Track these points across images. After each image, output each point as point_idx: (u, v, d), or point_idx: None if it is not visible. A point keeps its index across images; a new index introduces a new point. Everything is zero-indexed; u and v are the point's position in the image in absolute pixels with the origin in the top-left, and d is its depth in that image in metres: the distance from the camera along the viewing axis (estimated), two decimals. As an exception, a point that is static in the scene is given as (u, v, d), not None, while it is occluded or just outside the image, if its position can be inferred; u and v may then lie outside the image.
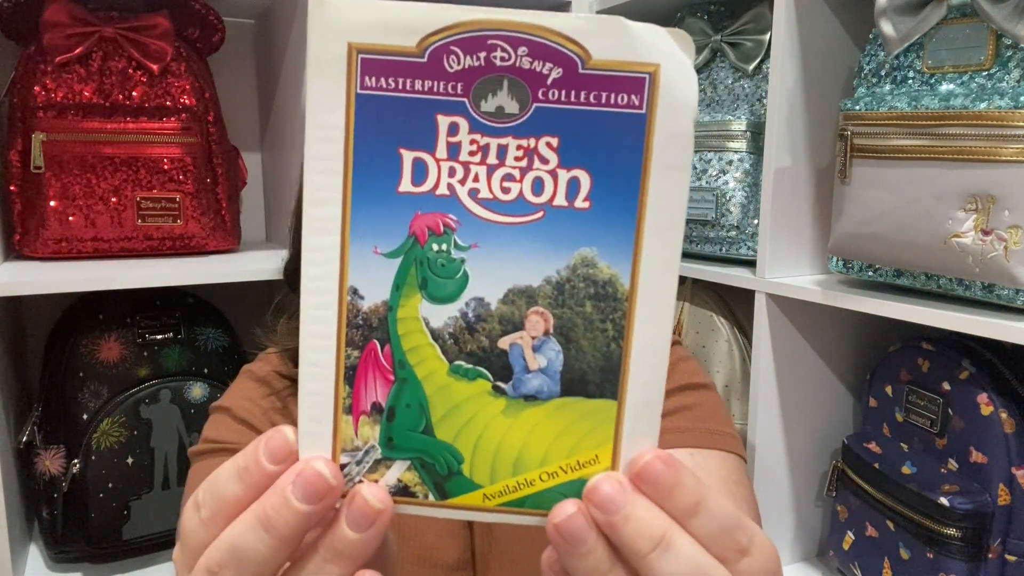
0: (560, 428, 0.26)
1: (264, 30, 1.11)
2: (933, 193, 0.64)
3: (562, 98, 0.25)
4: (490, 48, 0.24)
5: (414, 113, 0.24)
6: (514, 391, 0.26)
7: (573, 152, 0.25)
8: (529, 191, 0.25)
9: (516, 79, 0.24)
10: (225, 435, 0.59)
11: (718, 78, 0.97)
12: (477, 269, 0.25)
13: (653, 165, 0.25)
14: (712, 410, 0.61)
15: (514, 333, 0.26)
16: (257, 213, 1.20)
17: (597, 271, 0.26)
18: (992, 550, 0.70)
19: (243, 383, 0.64)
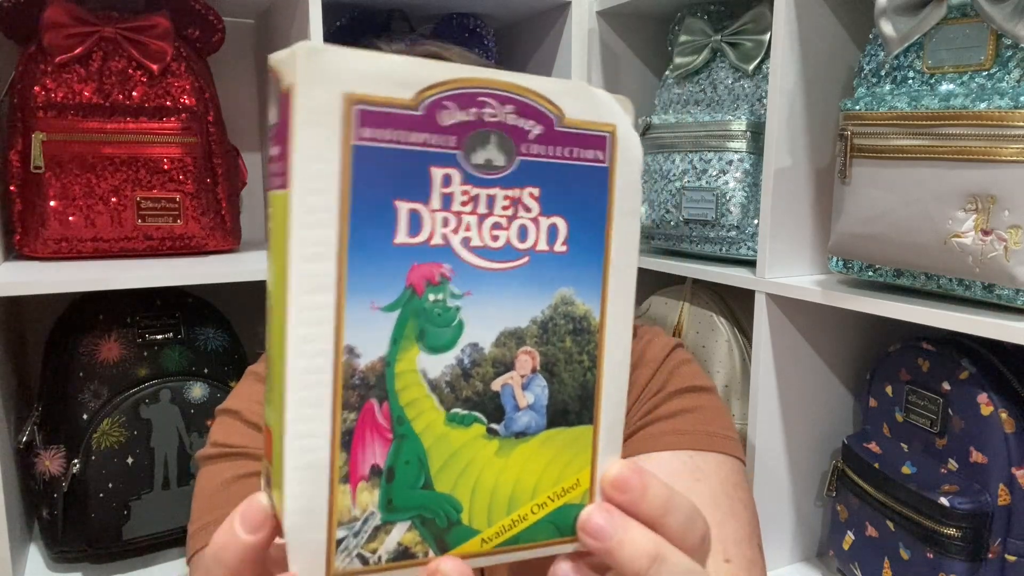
0: (547, 459, 0.28)
1: (264, 30, 1.11)
2: (933, 193, 0.64)
3: (542, 152, 0.27)
4: (480, 104, 0.25)
5: (409, 165, 0.25)
6: (506, 430, 0.27)
7: (552, 201, 0.27)
8: (515, 238, 0.27)
9: (503, 134, 0.26)
10: (234, 439, 0.59)
11: (718, 78, 0.97)
12: (471, 315, 0.26)
13: (615, 211, 0.28)
14: (713, 413, 0.61)
15: (506, 374, 0.27)
16: (257, 213, 1.20)
17: (575, 308, 0.28)
18: (992, 550, 0.70)
19: (249, 385, 0.64)
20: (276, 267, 0.24)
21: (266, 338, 0.26)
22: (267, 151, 1.18)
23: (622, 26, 1.14)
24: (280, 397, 0.24)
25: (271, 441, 0.25)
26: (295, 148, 0.23)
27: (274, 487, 0.25)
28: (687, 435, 0.59)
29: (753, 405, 0.87)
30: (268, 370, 0.25)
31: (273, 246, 0.25)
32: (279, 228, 0.24)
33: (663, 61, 1.10)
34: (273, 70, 0.24)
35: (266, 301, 0.26)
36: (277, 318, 0.24)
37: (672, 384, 0.62)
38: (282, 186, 0.24)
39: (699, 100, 0.99)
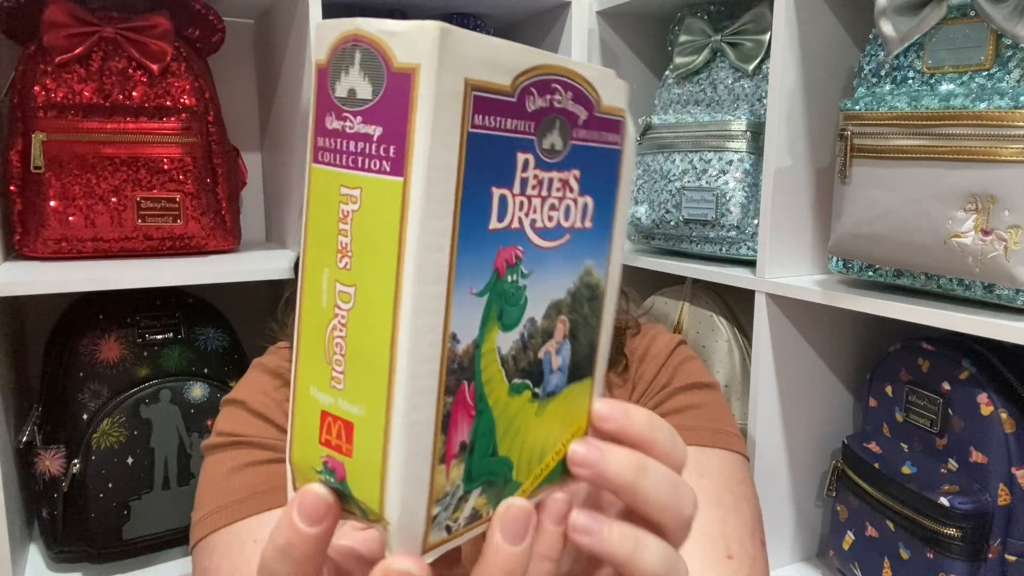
0: (564, 412, 0.31)
1: (264, 30, 1.11)
2: (933, 193, 0.64)
3: (585, 137, 0.28)
4: (552, 90, 0.26)
5: (503, 151, 0.25)
6: (543, 392, 0.29)
7: (586, 181, 0.29)
8: (563, 217, 0.28)
9: (563, 119, 0.27)
10: (241, 428, 0.59)
11: (718, 78, 0.97)
12: (532, 292, 0.28)
13: (621, 188, 0.31)
14: (717, 409, 0.62)
15: (548, 342, 0.29)
16: (257, 213, 1.20)
17: (592, 278, 0.31)
18: (992, 550, 0.70)
19: (255, 376, 0.64)
20: (369, 256, 0.23)
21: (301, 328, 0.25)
22: (267, 151, 1.18)
23: (622, 26, 1.14)
24: (379, 387, 0.24)
25: (350, 430, 0.24)
26: (422, 134, 0.22)
27: (356, 476, 0.24)
28: (692, 431, 0.59)
29: (753, 405, 0.87)
30: (345, 358, 0.24)
31: (360, 233, 0.24)
32: (377, 216, 0.23)
33: (663, 61, 1.10)
34: (372, 41, 0.23)
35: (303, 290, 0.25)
36: (372, 308, 0.23)
37: (677, 380, 0.63)
38: (385, 171, 0.23)
39: (699, 100, 0.99)
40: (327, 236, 0.24)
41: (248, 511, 0.54)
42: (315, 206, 0.25)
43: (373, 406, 0.24)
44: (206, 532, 0.54)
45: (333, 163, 0.24)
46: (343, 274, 0.24)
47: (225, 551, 0.52)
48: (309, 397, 0.25)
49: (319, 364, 0.25)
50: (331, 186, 0.24)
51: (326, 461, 0.25)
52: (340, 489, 0.25)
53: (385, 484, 0.24)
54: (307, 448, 0.26)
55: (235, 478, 0.56)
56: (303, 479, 0.26)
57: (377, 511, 0.24)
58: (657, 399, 0.62)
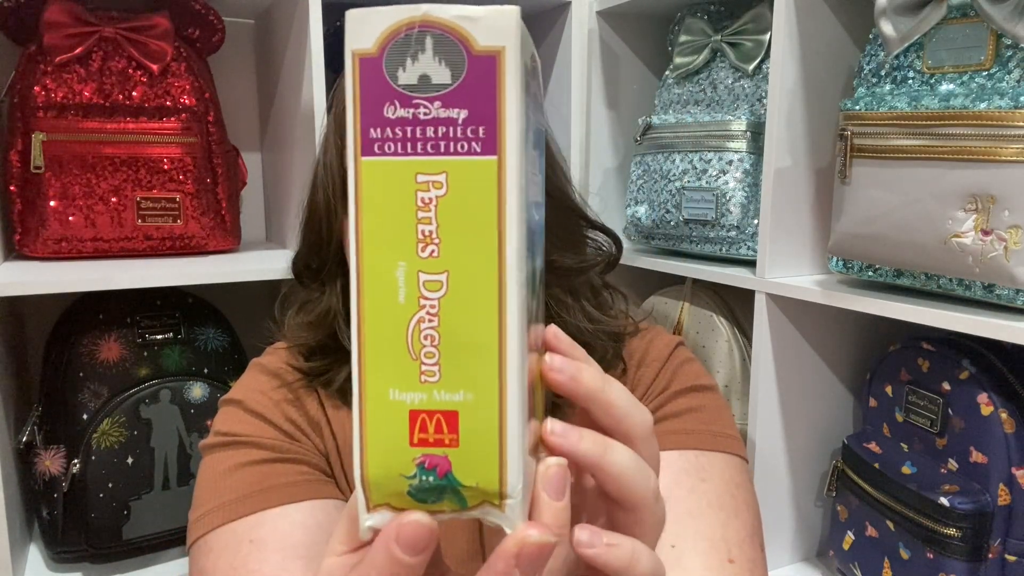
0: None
1: (264, 30, 1.11)
2: (933, 193, 0.64)
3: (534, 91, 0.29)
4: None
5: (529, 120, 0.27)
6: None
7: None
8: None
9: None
10: (238, 427, 0.59)
11: (718, 78, 0.97)
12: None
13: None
14: (716, 412, 0.62)
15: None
16: (257, 213, 1.20)
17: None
18: (992, 550, 0.70)
19: (253, 376, 0.64)
20: (464, 239, 0.24)
21: (366, 334, 0.25)
22: (267, 151, 1.18)
23: (622, 26, 1.14)
24: (488, 366, 0.24)
25: (454, 419, 0.24)
26: (512, 113, 0.23)
27: (467, 463, 0.25)
28: (693, 434, 0.59)
29: (753, 405, 0.87)
30: (439, 348, 0.24)
31: (449, 218, 0.24)
32: (470, 197, 0.23)
33: (663, 61, 1.10)
34: (447, 26, 0.23)
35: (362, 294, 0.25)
36: (472, 290, 0.24)
37: (676, 383, 0.63)
38: (475, 152, 0.23)
39: (699, 100, 0.99)
40: (397, 229, 0.24)
41: (245, 510, 0.53)
42: (373, 202, 0.24)
43: (482, 387, 0.24)
44: (203, 531, 0.54)
45: (401, 152, 0.24)
46: (428, 263, 0.24)
47: (222, 550, 0.52)
48: (388, 403, 0.25)
49: (399, 364, 0.24)
50: (399, 176, 0.24)
51: (422, 462, 0.25)
52: (439, 486, 0.25)
53: (505, 461, 0.24)
54: (390, 457, 0.25)
55: (232, 477, 0.55)
56: (383, 494, 0.25)
57: (496, 489, 0.25)
58: (657, 402, 0.62)
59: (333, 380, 0.61)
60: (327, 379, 0.62)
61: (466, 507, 0.25)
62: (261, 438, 0.58)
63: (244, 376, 0.65)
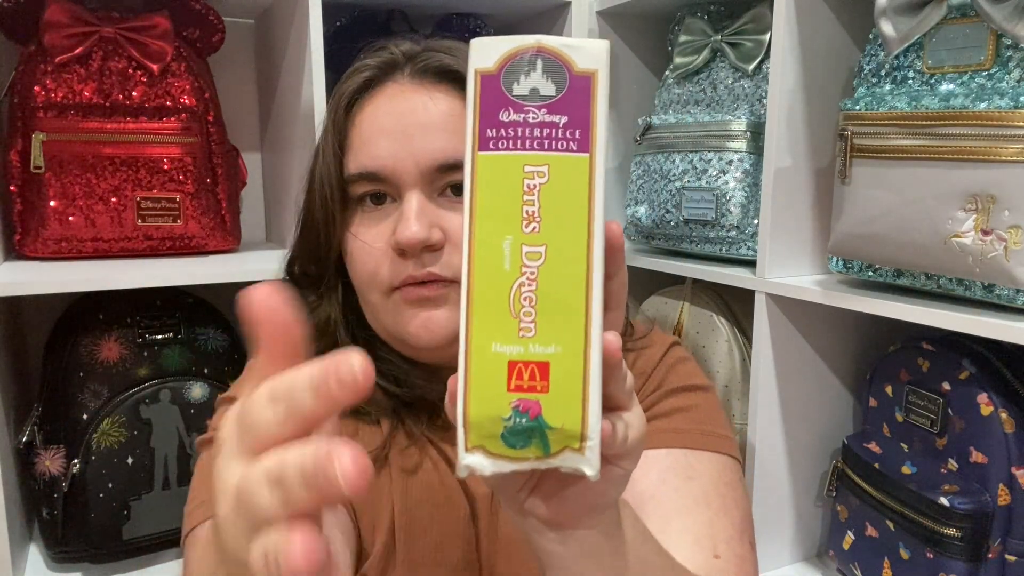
0: None
1: (264, 30, 1.11)
2: (933, 193, 0.64)
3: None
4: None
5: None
6: None
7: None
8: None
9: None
10: None
11: (718, 78, 0.97)
12: None
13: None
14: (709, 412, 0.61)
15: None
16: (257, 213, 1.20)
17: None
18: (992, 550, 0.70)
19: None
20: (560, 218, 0.30)
21: (475, 295, 0.30)
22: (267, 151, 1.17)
23: (622, 26, 1.13)
24: (576, 324, 0.29)
25: (546, 369, 0.29)
26: (601, 121, 0.30)
27: (555, 407, 0.29)
28: (682, 434, 0.59)
29: (753, 405, 0.87)
30: (536, 308, 0.29)
31: (549, 200, 0.30)
32: (567, 184, 0.30)
33: (663, 61, 1.10)
34: (554, 52, 0.30)
35: (473, 262, 0.30)
36: (565, 260, 0.29)
37: (669, 382, 0.62)
38: (571, 150, 0.30)
39: (699, 100, 0.99)
40: (506, 209, 0.30)
41: None
42: (486, 187, 0.30)
43: (570, 342, 0.29)
44: (195, 523, 0.54)
45: (512, 148, 0.30)
46: (531, 237, 0.30)
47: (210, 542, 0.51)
48: (490, 354, 0.29)
49: (501, 321, 0.29)
50: (510, 167, 0.30)
51: (516, 405, 0.29)
52: (530, 428, 0.29)
53: (587, 406, 0.29)
54: (490, 402, 0.29)
55: None
56: (481, 435, 0.29)
57: (578, 431, 0.29)
58: (648, 402, 0.62)
59: None
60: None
61: (549, 453, 0.29)
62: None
63: (243, 376, 0.65)
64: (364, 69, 0.58)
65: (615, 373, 0.31)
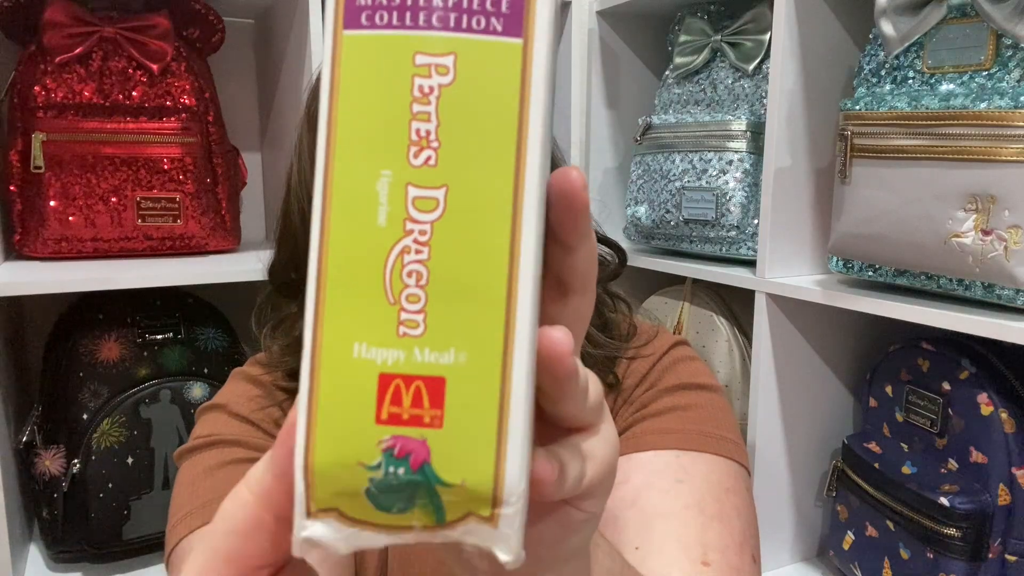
0: None
1: (264, 30, 1.11)
2: (933, 193, 0.64)
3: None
4: None
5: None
6: None
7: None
8: None
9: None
10: (220, 429, 0.55)
11: (718, 78, 0.97)
12: None
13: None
14: (711, 413, 0.56)
15: None
16: (257, 213, 1.20)
17: None
18: (992, 550, 0.70)
19: (236, 383, 0.61)
20: (473, 143, 0.18)
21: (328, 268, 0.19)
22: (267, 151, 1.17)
23: (622, 26, 1.13)
24: (492, 319, 0.18)
25: (439, 389, 0.18)
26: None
27: (452, 451, 0.18)
28: (673, 434, 0.54)
29: (753, 405, 0.87)
30: (427, 289, 0.18)
31: (454, 114, 0.18)
32: (485, 89, 0.18)
33: (663, 61, 1.10)
34: None
35: (327, 214, 0.19)
36: (478, 213, 0.18)
37: (665, 381, 0.58)
38: (495, 31, 0.18)
39: (699, 100, 0.99)
40: (384, 126, 0.18)
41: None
42: (353, 89, 0.18)
43: (481, 346, 0.18)
44: (179, 538, 0.50)
45: (397, 24, 0.18)
46: (422, 173, 0.18)
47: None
48: (350, 362, 0.18)
49: (370, 308, 0.18)
50: (391, 56, 0.18)
51: (391, 446, 0.18)
52: (410, 483, 0.18)
53: (504, 450, 0.18)
54: (347, 438, 0.18)
55: (213, 476, 0.52)
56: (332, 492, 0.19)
57: (488, 492, 0.18)
58: (640, 401, 0.57)
59: None
60: None
61: (443, 522, 0.19)
62: (246, 438, 0.55)
63: (227, 385, 0.62)
64: None
65: (570, 387, 0.21)
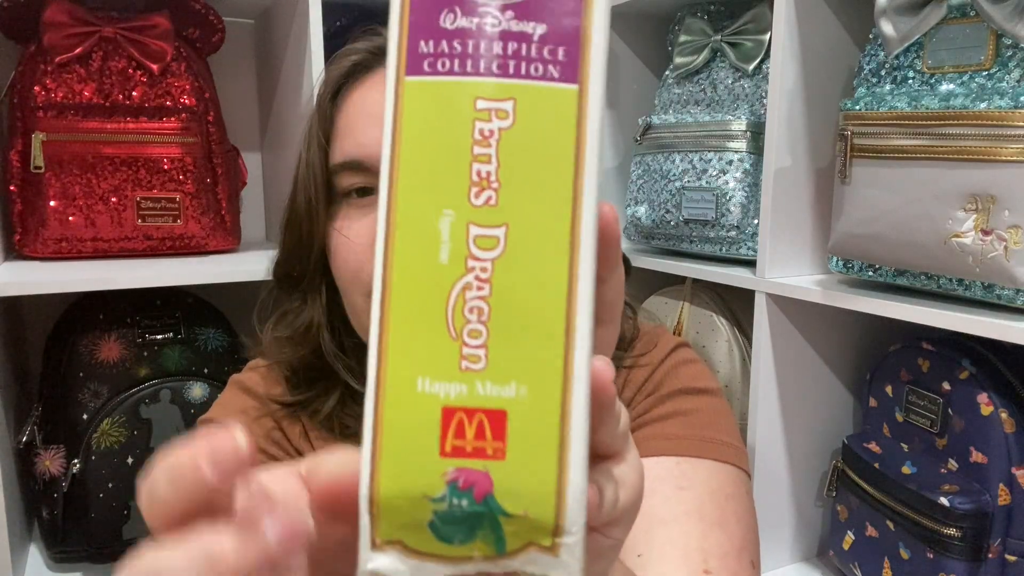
0: None
1: (264, 30, 1.11)
2: (933, 193, 0.64)
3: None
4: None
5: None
6: None
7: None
8: None
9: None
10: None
11: (718, 78, 0.97)
12: None
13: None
14: (712, 418, 0.56)
15: None
16: (257, 213, 1.20)
17: None
18: (992, 550, 0.70)
19: (232, 394, 0.60)
20: (531, 184, 0.19)
21: (391, 304, 0.19)
22: (267, 151, 1.17)
23: (622, 26, 1.14)
24: (552, 352, 0.19)
25: (502, 422, 0.19)
26: (599, 33, 0.19)
27: (514, 482, 0.19)
28: (675, 440, 0.54)
29: (753, 405, 0.87)
30: (488, 325, 0.19)
31: (513, 157, 0.19)
32: (543, 132, 0.19)
33: (663, 61, 1.09)
34: None
35: (391, 252, 0.19)
36: (537, 250, 0.19)
37: (668, 385, 0.58)
38: (552, 78, 0.19)
39: (699, 100, 0.99)
40: (446, 166, 0.19)
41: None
42: (416, 132, 0.19)
43: (541, 380, 0.19)
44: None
45: (459, 71, 0.19)
46: (483, 212, 0.19)
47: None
48: (414, 396, 0.19)
49: (434, 344, 0.19)
50: (454, 100, 0.19)
51: (455, 479, 0.19)
52: (474, 515, 0.19)
53: (565, 481, 0.19)
54: (411, 471, 0.19)
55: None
56: (397, 525, 0.19)
57: (551, 521, 0.19)
58: (643, 406, 0.56)
59: (319, 411, 0.56)
60: (312, 410, 0.57)
61: (503, 552, 0.19)
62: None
63: (223, 395, 0.62)
64: (352, 53, 0.54)
65: (607, 414, 0.22)
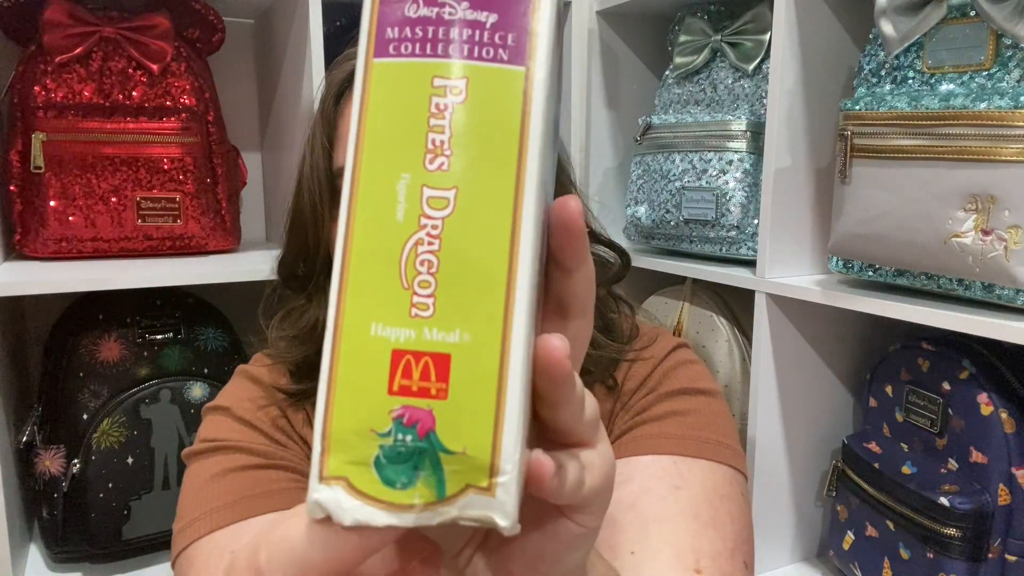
0: None
1: (264, 30, 1.11)
2: (933, 193, 0.64)
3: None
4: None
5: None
6: None
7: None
8: None
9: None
10: (224, 433, 0.56)
11: (718, 78, 0.97)
12: None
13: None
14: (709, 418, 0.57)
15: None
16: (257, 213, 1.20)
17: None
18: (992, 550, 0.70)
19: (239, 383, 0.62)
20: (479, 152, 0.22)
21: (352, 256, 0.22)
22: (267, 151, 1.17)
23: (622, 26, 1.14)
24: (493, 302, 0.21)
25: (445, 364, 0.21)
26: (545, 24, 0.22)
27: (454, 421, 0.21)
28: (672, 440, 0.55)
29: (753, 405, 0.87)
30: (437, 276, 0.21)
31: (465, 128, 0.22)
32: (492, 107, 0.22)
33: (663, 61, 1.10)
34: None
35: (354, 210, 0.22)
36: (482, 210, 0.21)
37: (666, 386, 0.58)
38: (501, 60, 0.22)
39: (699, 100, 0.99)
40: (405, 136, 0.22)
41: (230, 518, 0.51)
42: (380, 106, 0.22)
43: (483, 328, 0.21)
44: (186, 543, 0.51)
45: (419, 54, 0.22)
46: (435, 176, 0.22)
47: (204, 564, 0.49)
48: (367, 339, 0.21)
49: (387, 293, 0.21)
50: (414, 79, 0.22)
51: (400, 415, 0.21)
52: (417, 451, 0.21)
53: (501, 422, 0.21)
54: (362, 406, 0.21)
55: (218, 484, 0.53)
56: (346, 459, 0.21)
57: (487, 460, 0.21)
58: (640, 405, 0.57)
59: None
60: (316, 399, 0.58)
61: (443, 496, 0.21)
62: (249, 443, 0.56)
63: (230, 384, 0.62)
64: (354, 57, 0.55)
65: (565, 393, 0.23)
